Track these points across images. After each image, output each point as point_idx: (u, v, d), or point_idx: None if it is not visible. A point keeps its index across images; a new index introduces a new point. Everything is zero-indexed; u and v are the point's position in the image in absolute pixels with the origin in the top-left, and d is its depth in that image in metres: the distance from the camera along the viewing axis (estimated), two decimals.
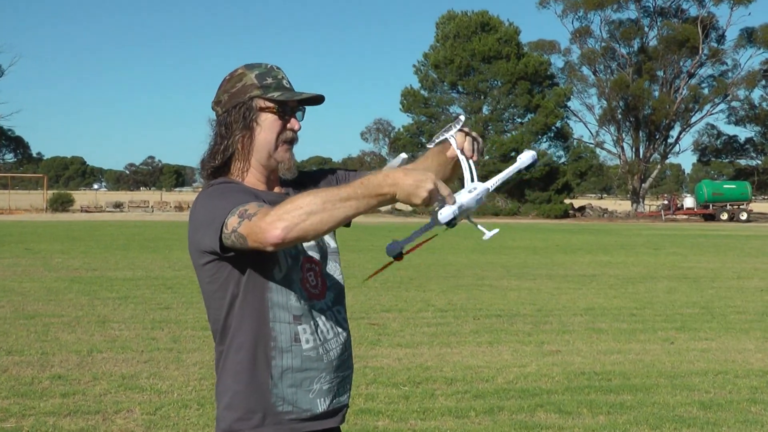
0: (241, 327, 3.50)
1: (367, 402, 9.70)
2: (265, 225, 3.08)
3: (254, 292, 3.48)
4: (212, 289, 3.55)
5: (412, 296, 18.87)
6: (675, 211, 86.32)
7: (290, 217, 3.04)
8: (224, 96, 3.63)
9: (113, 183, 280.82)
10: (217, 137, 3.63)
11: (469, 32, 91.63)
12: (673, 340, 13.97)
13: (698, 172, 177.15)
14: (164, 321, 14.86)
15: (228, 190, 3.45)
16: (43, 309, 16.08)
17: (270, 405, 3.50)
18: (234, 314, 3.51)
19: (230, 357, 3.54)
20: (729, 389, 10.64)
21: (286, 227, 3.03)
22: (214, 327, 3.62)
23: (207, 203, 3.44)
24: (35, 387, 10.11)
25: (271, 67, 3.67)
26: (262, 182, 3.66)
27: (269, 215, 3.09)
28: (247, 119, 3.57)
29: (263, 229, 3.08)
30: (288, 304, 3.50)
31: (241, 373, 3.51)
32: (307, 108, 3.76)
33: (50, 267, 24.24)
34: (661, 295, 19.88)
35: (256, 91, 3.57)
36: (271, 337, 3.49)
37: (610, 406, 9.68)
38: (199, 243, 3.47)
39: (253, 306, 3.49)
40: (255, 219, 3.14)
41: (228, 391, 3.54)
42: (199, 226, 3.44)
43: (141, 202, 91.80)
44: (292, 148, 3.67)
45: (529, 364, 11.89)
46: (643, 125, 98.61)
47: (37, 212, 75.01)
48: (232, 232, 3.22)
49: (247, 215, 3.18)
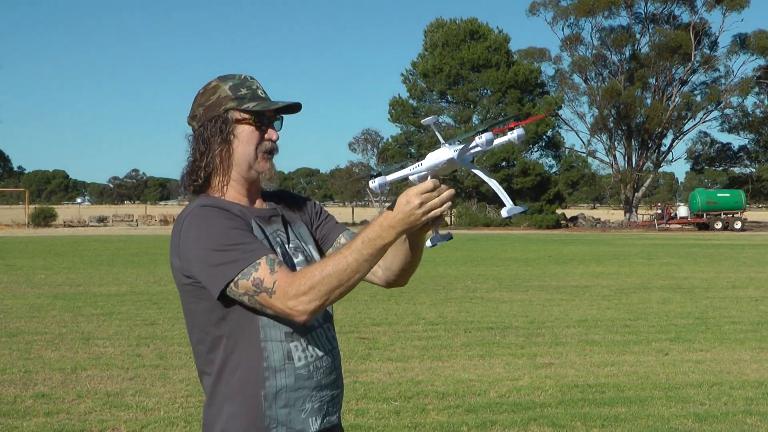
0: (233, 348, 3.42)
1: (358, 417, 9.60)
2: (289, 311, 3.19)
3: (244, 312, 3.38)
4: (197, 309, 3.44)
5: (402, 309, 18.78)
6: (668, 221, 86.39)
7: (313, 303, 3.15)
8: (199, 110, 3.58)
9: (97, 197, 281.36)
10: (195, 153, 3.57)
11: (458, 40, 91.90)
12: (667, 352, 13.86)
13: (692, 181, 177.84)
14: (150, 337, 14.74)
15: (222, 223, 3.34)
16: (25, 326, 15.97)
17: (264, 428, 3.41)
18: (223, 335, 3.42)
19: (222, 380, 3.44)
20: (724, 401, 10.53)
21: (312, 312, 3.17)
22: (198, 347, 3.52)
23: (201, 236, 3.32)
24: (18, 406, 10.00)
25: (245, 77, 3.62)
26: (243, 195, 3.60)
27: (290, 299, 3.16)
28: (224, 132, 3.51)
29: (288, 314, 3.20)
30: (278, 323, 3.41)
31: (236, 395, 3.42)
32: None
33: (33, 283, 24.16)
34: (654, 306, 19.78)
35: (231, 102, 3.52)
36: (263, 357, 3.40)
37: (604, 419, 9.57)
38: (189, 271, 3.36)
39: (244, 326, 3.40)
40: (275, 299, 3.19)
41: (222, 415, 3.44)
42: (195, 260, 3.33)
43: (125, 216, 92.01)
44: (272, 157, 3.61)
45: (521, 377, 11.79)
46: (635, 133, 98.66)
47: (18, 227, 74.95)
48: (245, 295, 3.24)
49: (264, 289, 3.20)
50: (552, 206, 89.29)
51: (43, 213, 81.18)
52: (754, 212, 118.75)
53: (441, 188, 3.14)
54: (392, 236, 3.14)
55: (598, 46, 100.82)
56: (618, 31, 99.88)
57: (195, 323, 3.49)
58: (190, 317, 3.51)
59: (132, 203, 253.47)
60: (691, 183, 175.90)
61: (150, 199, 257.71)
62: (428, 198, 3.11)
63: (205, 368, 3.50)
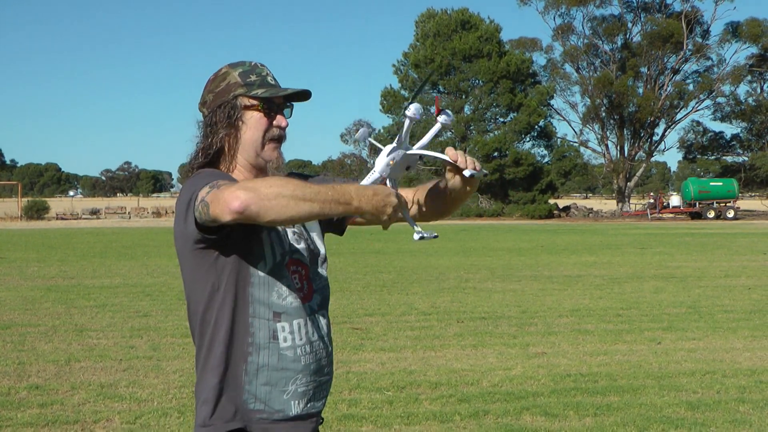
0: (221, 321, 3.49)
1: (351, 408, 9.59)
2: (228, 194, 3.07)
3: (236, 285, 3.47)
4: (194, 278, 3.52)
5: (395, 300, 18.77)
6: (661, 210, 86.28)
7: (256, 192, 3.04)
8: (209, 96, 3.65)
9: (89, 189, 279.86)
10: (203, 137, 3.63)
11: (449, 31, 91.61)
12: (660, 341, 13.87)
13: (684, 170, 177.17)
14: (143, 329, 14.72)
15: (211, 173, 3.47)
16: (19, 318, 15.95)
17: (242, 401, 3.49)
18: (214, 308, 3.50)
19: (212, 351, 3.51)
20: (717, 389, 10.54)
21: (248, 199, 3.02)
22: (193, 322, 3.60)
23: (189, 188, 3.42)
24: (12, 398, 9.99)
25: (255, 64, 3.68)
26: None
27: (236, 185, 3.10)
28: (231, 118, 3.56)
29: (225, 198, 3.07)
30: (269, 301, 3.49)
31: (219, 366, 3.50)
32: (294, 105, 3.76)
33: (26, 276, 24.08)
34: (647, 295, 19.80)
35: (240, 89, 3.58)
36: (249, 332, 3.48)
37: (597, 407, 9.58)
38: (180, 225, 3.45)
39: (234, 299, 3.48)
40: (222, 188, 3.14)
41: (206, 386, 3.52)
42: (180, 210, 3.42)
43: (118, 208, 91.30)
44: (280, 146, 3.66)
45: (514, 366, 11.79)
46: (627, 123, 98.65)
47: (11, 220, 74.51)
48: (200, 201, 3.24)
49: (216, 185, 3.20)
50: (544, 196, 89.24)
51: (36, 206, 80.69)
52: (746, 201, 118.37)
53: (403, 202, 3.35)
54: (356, 205, 3.18)
55: (590, 35, 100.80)
56: (609, 21, 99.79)
57: (191, 295, 3.56)
58: (188, 288, 3.58)
59: (125, 195, 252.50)
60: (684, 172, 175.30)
61: (142, 191, 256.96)
62: (399, 208, 3.30)
63: (198, 340, 3.58)
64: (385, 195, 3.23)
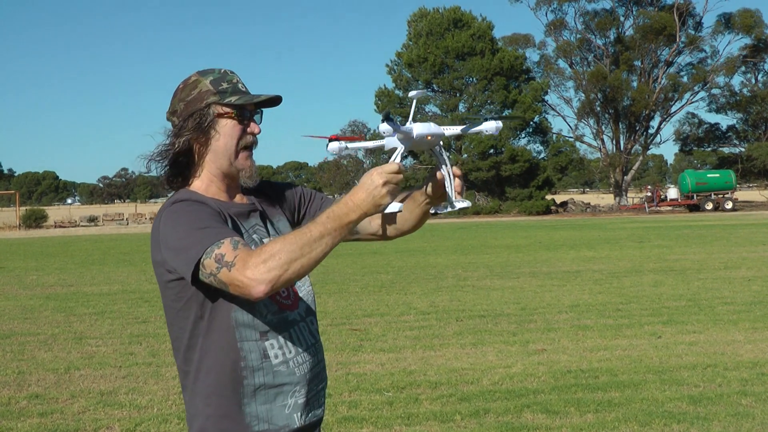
0: (209, 349, 3.43)
1: (351, 409, 9.58)
2: (247, 281, 3.05)
3: (220, 313, 3.40)
4: (176, 307, 3.46)
5: (393, 300, 18.76)
6: (659, 203, 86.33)
7: (272, 272, 3.03)
8: (180, 105, 3.56)
9: (87, 197, 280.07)
10: (172, 146, 3.53)
11: (441, 29, 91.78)
12: (660, 335, 13.85)
13: (681, 162, 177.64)
14: (142, 335, 14.74)
15: (195, 213, 3.35)
16: (18, 327, 15.96)
17: (244, 426, 3.42)
18: (199, 335, 3.43)
19: (200, 380, 3.45)
20: (719, 382, 10.52)
21: (270, 282, 3.03)
22: (176, 344, 3.53)
23: (176, 225, 3.32)
24: (12, 407, 9.99)
25: (225, 71, 3.62)
26: (223, 191, 3.60)
27: (249, 268, 3.05)
28: (203, 126, 3.49)
29: (246, 285, 3.05)
30: (253, 322, 3.42)
31: (212, 396, 3.43)
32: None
33: (25, 285, 24.11)
34: (647, 289, 19.79)
35: (213, 97, 3.51)
36: (240, 357, 3.41)
37: (598, 403, 9.56)
38: (167, 263, 3.35)
39: (220, 327, 3.41)
40: (235, 271, 3.08)
41: (199, 415, 3.46)
42: (169, 249, 3.33)
43: (116, 215, 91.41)
44: (252, 154, 3.61)
45: (514, 364, 11.77)
46: (622, 117, 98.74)
47: (10, 229, 74.50)
48: (210, 275, 3.16)
49: (225, 263, 3.12)
50: (541, 192, 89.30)
51: (34, 214, 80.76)
52: (744, 192, 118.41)
53: (402, 168, 3.24)
54: (357, 214, 3.17)
55: (582, 30, 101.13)
56: (602, 15, 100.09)
57: (174, 321, 3.50)
58: (170, 315, 3.52)
59: (122, 202, 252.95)
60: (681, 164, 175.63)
61: (140, 197, 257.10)
62: (392, 178, 3.19)
63: (183, 366, 3.52)
64: (371, 184, 3.18)
